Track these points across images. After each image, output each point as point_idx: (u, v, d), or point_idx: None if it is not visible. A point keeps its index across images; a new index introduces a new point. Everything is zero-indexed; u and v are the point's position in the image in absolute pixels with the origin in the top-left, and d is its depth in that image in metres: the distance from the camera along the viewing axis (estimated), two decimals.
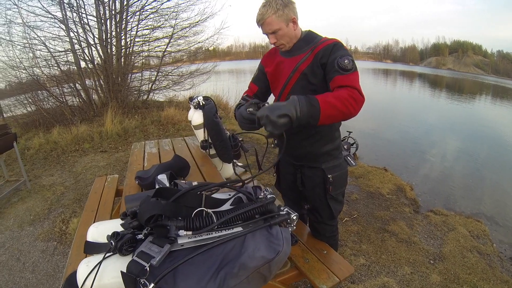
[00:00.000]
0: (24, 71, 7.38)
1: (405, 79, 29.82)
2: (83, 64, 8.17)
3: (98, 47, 8.00)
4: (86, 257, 0.96)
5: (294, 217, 1.00)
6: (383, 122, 8.97)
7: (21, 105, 7.59)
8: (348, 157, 5.51)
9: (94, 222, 2.11)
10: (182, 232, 0.87)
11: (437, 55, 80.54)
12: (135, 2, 8.12)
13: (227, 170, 2.54)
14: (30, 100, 7.43)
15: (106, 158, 5.19)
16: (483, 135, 8.27)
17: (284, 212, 1.00)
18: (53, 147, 5.72)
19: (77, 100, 8.10)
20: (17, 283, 2.50)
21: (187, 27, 8.57)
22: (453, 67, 68.19)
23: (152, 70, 8.88)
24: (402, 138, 7.48)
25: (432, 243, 2.92)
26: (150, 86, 8.84)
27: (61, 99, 7.64)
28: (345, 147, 5.75)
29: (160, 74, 8.85)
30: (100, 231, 1.05)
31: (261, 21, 1.50)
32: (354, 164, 5.28)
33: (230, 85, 11.64)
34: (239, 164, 2.80)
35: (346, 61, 1.37)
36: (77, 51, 7.89)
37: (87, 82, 8.24)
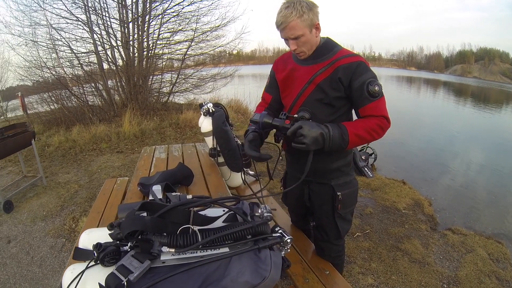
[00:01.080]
0: (48, 71, 7.61)
1: (429, 88, 29.13)
2: (105, 65, 8.37)
3: (121, 49, 8.18)
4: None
5: (288, 240, 0.93)
6: (405, 132, 8.72)
7: (45, 103, 7.82)
8: (366, 168, 5.35)
9: (99, 224, 2.13)
10: (165, 249, 0.84)
11: (462, 63, 78.61)
12: (157, 6, 8.29)
13: (236, 179, 2.49)
14: (53, 98, 7.65)
15: (122, 159, 5.26)
16: (509, 148, 7.92)
17: (277, 234, 0.94)
18: (71, 145, 5.86)
19: (99, 100, 8.29)
20: (24, 275, 2.56)
21: (208, 30, 8.66)
22: (479, 75, 66.18)
23: (173, 72, 8.98)
24: (423, 149, 7.26)
25: (448, 265, 2.76)
26: (170, 88, 8.95)
27: (82, 99, 7.82)
28: (363, 157, 5.60)
29: (181, 77, 8.94)
30: (91, 238, 1.03)
31: (284, 25, 1.36)
32: (371, 175, 5.12)
33: (252, 89, 11.62)
34: (250, 172, 2.74)
35: (376, 88, 1.39)
36: (100, 52, 8.08)
37: (109, 83, 8.42)
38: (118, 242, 0.89)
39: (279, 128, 1.43)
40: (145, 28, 8.23)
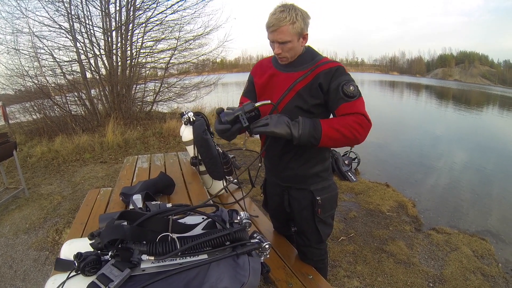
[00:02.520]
0: (30, 80, 7.50)
1: (411, 91, 29.69)
2: (88, 74, 8.30)
3: (104, 58, 8.12)
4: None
5: (266, 246, 0.95)
6: (388, 135, 8.87)
7: (27, 113, 7.67)
8: (349, 173, 5.41)
9: (82, 235, 2.10)
10: (145, 257, 0.85)
11: (443, 66, 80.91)
12: (140, 14, 8.28)
13: (218, 187, 2.49)
14: (35, 108, 7.52)
15: (105, 169, 5.20)
16: (490, 148, 8.15)
17: (256, 240, 0.95)
18: (54, 156, 5.76)
19: (82, 109, 8.19)
20: None
21: (191, 39, 8.68)
22: (460, 78, 68.21)
23: (157, 81, 8.96)
24: (406, 152, 7.37)
25: (433, 264, 2.81)
26: (153, 97, 8.93)
27: (65, 108, 7.72)
28: (346, 162, 5.66)
29: (164, 85, 8.93)
30: (72, 248, 1.03)
31: (275, 27, 1.36)
32: (355, 179, 5.18)
33: (235, 96, 11.65)
34: (233, 180, 2.76)
35: (351, 88, 1.35)
36: (83, 61, 8.00)
37: (92, 92, 8.34)
38: (99, 251, 0.89)
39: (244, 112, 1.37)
40: (129, 37, 8.20)
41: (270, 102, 1.42)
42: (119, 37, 8.18)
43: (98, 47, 8.12)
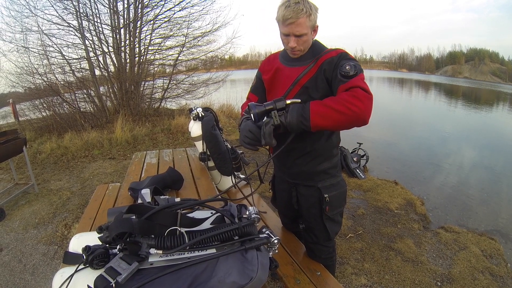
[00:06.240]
0: (39, 77, 7.56)
1: (420, 89, 29.38)
2: (97, 71, 8.37)
3: (112, 55, 8.17)
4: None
5: (275, 241, 0.94)
6: (396, 133, 8.80)
7: (37, 110, 7.76)
8: (358, 170, 5.37)
9: (90, 230, 2.12)
10: (153, 251, 0.84)
11: (453, 64, 79.94)
12: (148, 11, 8.31)
13: (226, 183, 2.49)
14: (45, 105, 7.60)
15: (114, 165, 5.24)
16: (500, 146, 8.03)
17: (264, 235, 0.95)
18: (63, 152, 5.82)
19: (91, 106, 8.26)
20: (16, 284, 2.53)
21: (200, 36, 8.68)
22: (470, 76, 67.30)
23: (165, 78, 8.99)
24: (415, 149, 7.30)
25: (441, 263, 2.78)
26: (162, 94, 8.97)
27: (74, 105, 7.79)
28: (354, 159, 5.62)
29: (173, 82, 8.95)
30: (81, 242, 1.03)
31: (293, 20, 1.30)
32: (363, 177, 5.14)
33: (244, 93, 11.64)
34: (241, 176, 2.75)
35: (347, 67, 1.27)
36: (92, 58, 8.06)
37: (100, 89, 8.40)
38: (107, 245, 0.90)
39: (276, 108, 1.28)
40: (137, 34, 8.24)
41: (299, 101, 1.32)
42: (127, 35, 8.23)
43: (106, 45, 8.18)
